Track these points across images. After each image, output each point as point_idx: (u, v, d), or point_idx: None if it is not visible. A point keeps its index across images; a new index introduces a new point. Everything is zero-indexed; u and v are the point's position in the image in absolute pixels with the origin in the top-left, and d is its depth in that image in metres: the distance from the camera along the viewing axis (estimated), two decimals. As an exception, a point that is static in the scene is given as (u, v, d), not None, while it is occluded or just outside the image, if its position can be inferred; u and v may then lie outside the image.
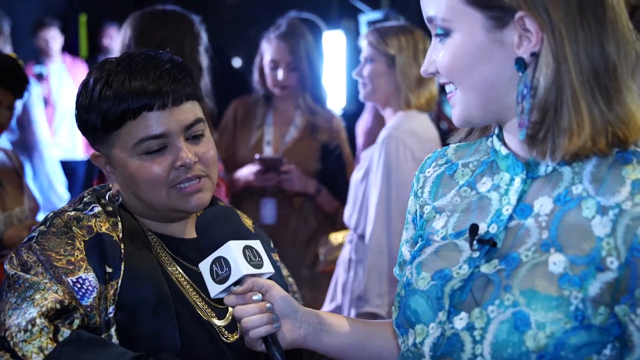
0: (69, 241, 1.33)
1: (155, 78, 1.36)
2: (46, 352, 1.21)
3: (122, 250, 1.35)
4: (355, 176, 2.88)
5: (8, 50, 4.71)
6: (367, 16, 6.02)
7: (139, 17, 2.48)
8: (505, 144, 1.16)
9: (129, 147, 1.37)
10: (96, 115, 1.36)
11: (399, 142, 2.61)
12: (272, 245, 1.61)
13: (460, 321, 1.09)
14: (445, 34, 1.10)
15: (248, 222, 1.59)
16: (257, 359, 1.36)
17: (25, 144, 4.41)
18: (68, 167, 5.14)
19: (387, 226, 2.64)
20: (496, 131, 1.18)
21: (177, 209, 1.41)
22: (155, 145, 1.36)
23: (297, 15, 3.52)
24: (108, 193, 1.43)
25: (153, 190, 1.38)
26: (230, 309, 1.42)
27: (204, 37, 2.52)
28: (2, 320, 1.25)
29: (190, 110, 1.39)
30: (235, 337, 1.41)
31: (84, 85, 1.41)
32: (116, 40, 2.50)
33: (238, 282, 1.24)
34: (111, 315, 1.30)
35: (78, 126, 1.44)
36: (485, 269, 1.10)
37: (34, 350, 1.21)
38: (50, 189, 4.49)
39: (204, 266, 1.27)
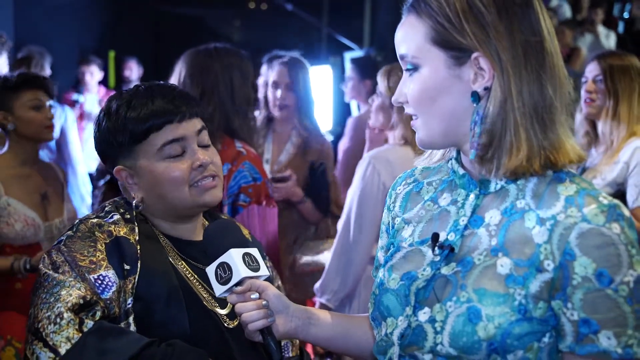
0: (92, 244, 1.34)
1: (172, 98, 1.42)
2: (73, 341, 1.22)
3: (139, 251, 1.36)
4: None
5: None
6: (351, 54, 6.06)
7: (194, 55, 2.38)
8: (462, 166, 1.17)
9: (154, 153, 1.40)
10: (123, 133, 1.39)
11: (369, 165, 2.59)
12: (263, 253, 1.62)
13: (423, 315, 1.10)
14: (414, 68, 1.11)
15: (245, 231, 1.60)
16: (253, 343, 1.37)
17: (63, 162, 4.39)
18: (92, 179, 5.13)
19: (348, 235, 2.62)
20: (454, 155, 1.20)
21: (197, 203, 1.43)
22: (177, 147, 1.40)
23: (280, 53, 3.48)
24: (134, 202, 1.43)
25: (177, 189, 1.40)
26: None
27: (251, 72, 2.45)
28: (36, 313, 1.27)
29: (199, 122, 1.45)
30: (235, 323, 1.42)
31: (107, 112, 1.42)
32: (173, 77, 2.41)
33: (239, 283, 1.25)
34: (130, 305, 1.31)
35: (100, 148, 1.45)
36: (444, 270, 1.11)
37: (62, 340, 1.22)
38: (82, 201, 4.47)
39: (210, 270, 1.27)
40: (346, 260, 2.61)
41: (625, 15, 8.46)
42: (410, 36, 1.11)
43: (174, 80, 2.39)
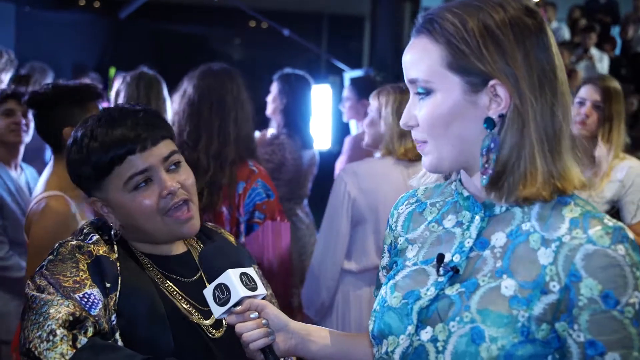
0: (74, 265, 1.32)
1: (134, 126, 1.36)
2: (67, 358, 1.20)
3: (118, 268, 1.34)
4: None
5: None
6: (350, 73, 6.09)
7: (200, 75, 2.44)
8: (465, 188, 1.16)
9: (120, 187, 1.36)
10: (88, 166, 1.36)
11: (338, 177, 2.65)
12: (258, 270, 1.59)
13: (425, 334, 1.09)
14: (427, 93, 1.08)
15: (230, 239, 1.59)
16: (239, 352, 1.32)
17: None
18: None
19: (320, 245, 2.66)
20: (454, 177, 1.19)
21: (174, 235, 1.40)
22: (141, 179, 1.36)
23: (291, 71, 3.59)
24: (112, 231, 1.41)
25: (150, 220, 1.37)
26: None
27: (243, 87, 2.50)
28: (26, 335, 1.24)
29: (165, 146, 1.39)
30: (221, 333, 1.40)
31: (73, 142, 1.39)
32: (177, 97, 2.47)
33: (237, 304, 1.23)
34: (114, 322, 1.29)
35: (72, 179, 1.42)
36: (448, 291, 1.10)
37: (56, 356, 1.19)
38: None
39: (208, 292, 1.26)
40: (318, 270, 2.65)
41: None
42: (422, 59, 1.08)
43: (181, 99, 2.42)
